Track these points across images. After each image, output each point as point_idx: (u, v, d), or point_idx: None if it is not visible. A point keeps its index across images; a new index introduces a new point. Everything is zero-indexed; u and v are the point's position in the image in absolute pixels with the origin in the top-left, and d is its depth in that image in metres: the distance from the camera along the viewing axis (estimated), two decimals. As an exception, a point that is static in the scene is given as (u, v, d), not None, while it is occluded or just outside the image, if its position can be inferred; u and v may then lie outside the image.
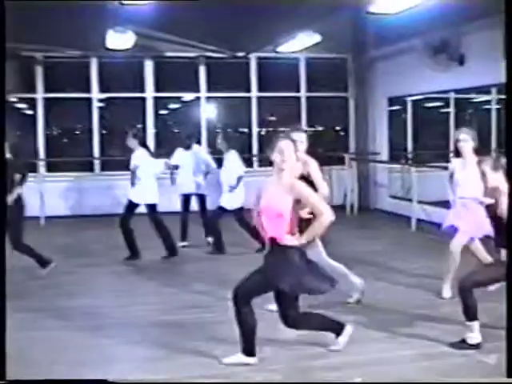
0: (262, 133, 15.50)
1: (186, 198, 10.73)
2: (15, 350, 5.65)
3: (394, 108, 14.50)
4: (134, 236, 9.61)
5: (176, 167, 10.72)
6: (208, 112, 15.28)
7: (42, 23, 12.79)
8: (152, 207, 9.65)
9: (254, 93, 15.19)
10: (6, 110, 12.84)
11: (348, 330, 5.47)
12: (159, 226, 9.69)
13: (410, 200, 12.21)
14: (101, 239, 11.07)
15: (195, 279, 8.40)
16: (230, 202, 9.84)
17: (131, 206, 9.62)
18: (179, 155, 10.77)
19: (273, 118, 15.93)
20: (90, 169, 14.80)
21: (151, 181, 9.69)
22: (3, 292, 4.31)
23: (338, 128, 16.30)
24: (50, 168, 14.57)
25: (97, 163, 14.79)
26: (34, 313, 6.92)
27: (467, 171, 7.00)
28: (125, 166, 10.23)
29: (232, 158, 10.01)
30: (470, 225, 7.02)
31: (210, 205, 10.75)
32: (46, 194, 13.37)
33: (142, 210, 9.66)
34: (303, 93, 15.35)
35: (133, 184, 9.62)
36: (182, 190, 10.74)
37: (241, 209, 9.85)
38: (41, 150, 14.61)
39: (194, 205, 10.86)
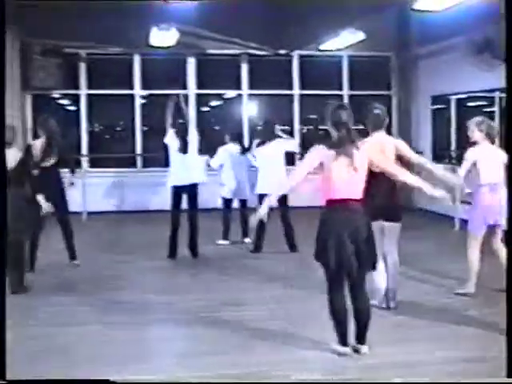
0: (304, 131, 15.45)
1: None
2: (61, 344, 5.80)
3: (437, 107, 14.34)
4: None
5: (221, 166, 10.75)
6: (250, 109, 15.26)
7: (86, 20, 12.93)
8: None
9: (296, 90, 15.14)
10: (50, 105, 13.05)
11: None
12: (193, 223, 9.68)
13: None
14: (143, 235, 11.12)
15: (237, 276, 8.41)
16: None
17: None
18: (222, 153, 10.75)
19: (314, 116, 15.85)
20: (132, 165, 14.89)
21: None
22: (3, 292, 4.32)
23: (380, 127, 16.11)
24: (93, 164, 14.70)
25: (139, 159, 14.88)
26: (77, 307, 6.99)
27: (486, 157, 7.09)
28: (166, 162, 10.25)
29: None
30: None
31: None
32: (88, 189, 13.50)
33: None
34: (345, 91, 15.27)
35: None
36: (223, 189, 10.73)
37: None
38: (84, 146, 14.75)
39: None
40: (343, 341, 5.35)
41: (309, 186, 5.57)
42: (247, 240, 10.46)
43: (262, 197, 9.73)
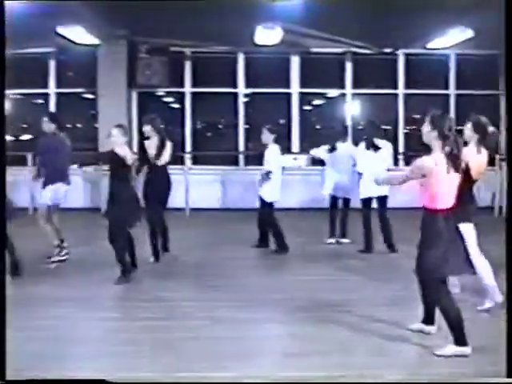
0: (407, 131, 15.17)
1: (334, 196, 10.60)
2: (168, 339, 5.84)
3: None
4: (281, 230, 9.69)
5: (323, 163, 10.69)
6: (353, 109, 15.09)
7: (191, 19, 13.03)
8: (269, 204, 9.71)
9: (401, 90, 14.88)
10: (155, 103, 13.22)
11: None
12: (270, 222, 9.72)
13: None
14: (245, 232, 11.12)
15: (344, 275, 8.33)
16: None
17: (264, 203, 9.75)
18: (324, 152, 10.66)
19: (417, 116, 15.53)
20: (235, 163, 14.98)
21: (279, 177, 9.73)
22: (3, 292, 4.33)
23: (487, 127, 15.66)
24: (196, 161, 14.88)
25: (241, 157, 14.95)
26: (182, 302, 7.04)
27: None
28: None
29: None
30: None
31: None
32: (191, 186, 13.66)
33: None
34: (452, 90, 14.90)
35: (264, 180, 9.67)
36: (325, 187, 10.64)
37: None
38: (188, 143, 14.95)
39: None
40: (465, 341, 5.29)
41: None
42: (345, 240, 10.33)
43: (365, 201, 9.67)
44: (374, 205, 9.74)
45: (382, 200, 9.66)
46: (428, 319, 5.87)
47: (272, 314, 6.64)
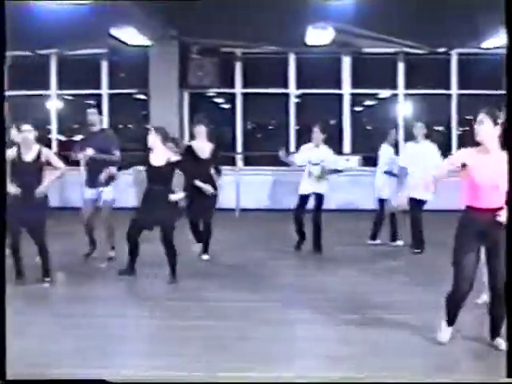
0: (460, 132, 14.92)
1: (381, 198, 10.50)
2: (223, 338, 5.86)
3: None
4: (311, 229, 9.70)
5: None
6: (405, 110, 14.90)
7: (242, 20, 13.04)
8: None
9: (454, 90, 14.65)
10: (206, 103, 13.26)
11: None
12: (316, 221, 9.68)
13: None
14: (293, 233, 11.09)
15: (385, 277, 8.25)
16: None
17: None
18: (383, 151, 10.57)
19: (469, 117, 15.27)
20: (285, 163, 14.87)
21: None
22: (3, 292, 4.32)
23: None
24: (246, 162, 14.87)
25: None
26: (233, 303, 7.03)
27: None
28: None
29: None
30: None
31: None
32: (242, 187, 13.66)
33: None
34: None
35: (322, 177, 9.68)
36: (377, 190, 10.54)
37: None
38: (238, 144, 14.96)
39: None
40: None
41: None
42: (400, 243, 10.22)
43: (412, 201, 9.52)
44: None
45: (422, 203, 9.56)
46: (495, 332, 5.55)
47: (316, 316, 6.59)
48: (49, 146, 15.17)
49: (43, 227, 7.73)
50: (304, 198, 9.77)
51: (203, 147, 9.06)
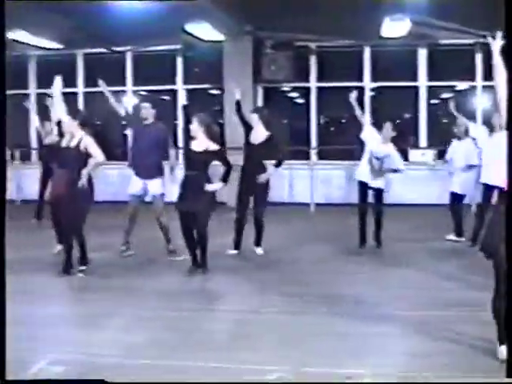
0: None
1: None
2: (292, 333, 5.83)
3: None
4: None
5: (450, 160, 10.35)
6: (484, 102, 14.55)
7: (316, 13, 12.94)
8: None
9: (540, 82, 14.20)
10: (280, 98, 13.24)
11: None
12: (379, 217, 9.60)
13: None
14: (368, 227, 10.97)
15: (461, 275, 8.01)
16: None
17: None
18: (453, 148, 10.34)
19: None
20: (359, 158, 14.73)
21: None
22: (3, 292, 4.29)
23: None
24: (320, 156, 14.79)
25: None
26: (299, 297, 6.99)
27: None
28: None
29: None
30: None
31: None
32: (316, 181, 13.59)
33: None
34: None
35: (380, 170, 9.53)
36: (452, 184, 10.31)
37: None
38: (313, 138, 14.89)
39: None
40: None
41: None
42: (462, 239, 9.99)
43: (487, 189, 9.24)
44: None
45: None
46: None
47: (392, 311, 6.46)
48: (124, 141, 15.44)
49: (83, 216, 7.87)
50: (364, 186, 9.63)
51: (256, 134, 9.01)
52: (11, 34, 12.64)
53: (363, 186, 9.66)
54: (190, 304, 6.81)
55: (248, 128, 9.02)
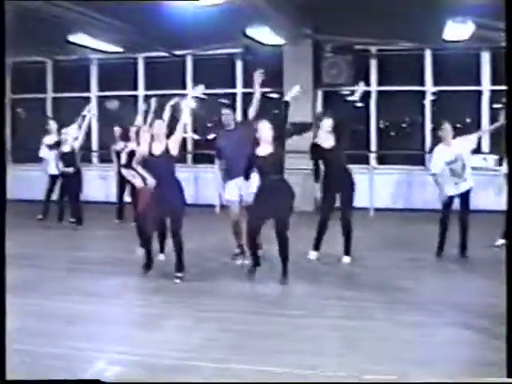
0: None
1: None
2: (353, 338, 5.81)
3: None
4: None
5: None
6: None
7: (376, 16, 12.78)
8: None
9: None
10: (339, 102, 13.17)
11: None
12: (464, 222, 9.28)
13: None
14: (428, 234, 10.79)
15: None
16: None
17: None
18: None
19: None
20: (420, 163, 14.56)
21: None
22: (3, 292, 4.27)
23: None
24: (380, 160, 14.63)
25: (427, 157, 14.47)
26: (362, 303, 6.98)
27: None
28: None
29: None
30: None
31: None
32: (375, 186, 13.45)
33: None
34: None
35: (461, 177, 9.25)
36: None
37: None
38: (372, 143, 14.75)
39: None
40: None
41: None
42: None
43: None
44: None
45: None
46: None
47: (454, 319, 6.39)
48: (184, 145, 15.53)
49: (181, 220, 7.96)
50: (451, 199, 9.38)
51: (326, 138, 8.94)
52: (72, 37, 12.82)
53: (449, 198, 9.36)
54: (256, 308, 6.87)
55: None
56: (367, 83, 14.65)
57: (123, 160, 9.64)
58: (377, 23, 12.94)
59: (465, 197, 9.27)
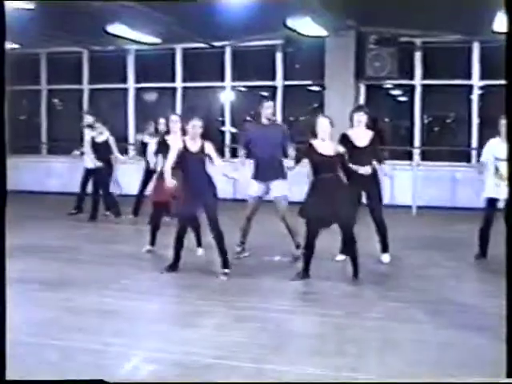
0: None
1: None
2: (394, 339, 5.67)
3: None
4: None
5: None
6: None
7: (421, 7, 12.38)
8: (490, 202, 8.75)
9: None
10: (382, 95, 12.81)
11: None
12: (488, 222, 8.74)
13: None
14: (471, 233, 10.41)
15: None
16: None
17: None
18: None
19: None
20: (466, 159, 14.12)
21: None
22: (3, 292, 4.10)
23: None
24: (424, 156, 14.25)
25: (473, 154, 14.02)
26: (404, 303, 6.79)
27: None
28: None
29: None
30: None
31: None
32: (419, 182, 13.08)
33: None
34: None
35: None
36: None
37: None
38: (416, 138, 14.37)
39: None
40: None
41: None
42: None
43: None
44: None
45: None
46: None
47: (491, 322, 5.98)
48: (221, 138, 15.32)
49: (216, 214, 7.87)
50: (493, 201, 8.85)
51: (360, 135, 8.51)
52: (110, 28, 12.66)
53: (492, 201, 8.78)
54: (296, 307, 6.77)
55: None
56: (411, 77, 14.28)
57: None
58: (422, 14, 12.53)
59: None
